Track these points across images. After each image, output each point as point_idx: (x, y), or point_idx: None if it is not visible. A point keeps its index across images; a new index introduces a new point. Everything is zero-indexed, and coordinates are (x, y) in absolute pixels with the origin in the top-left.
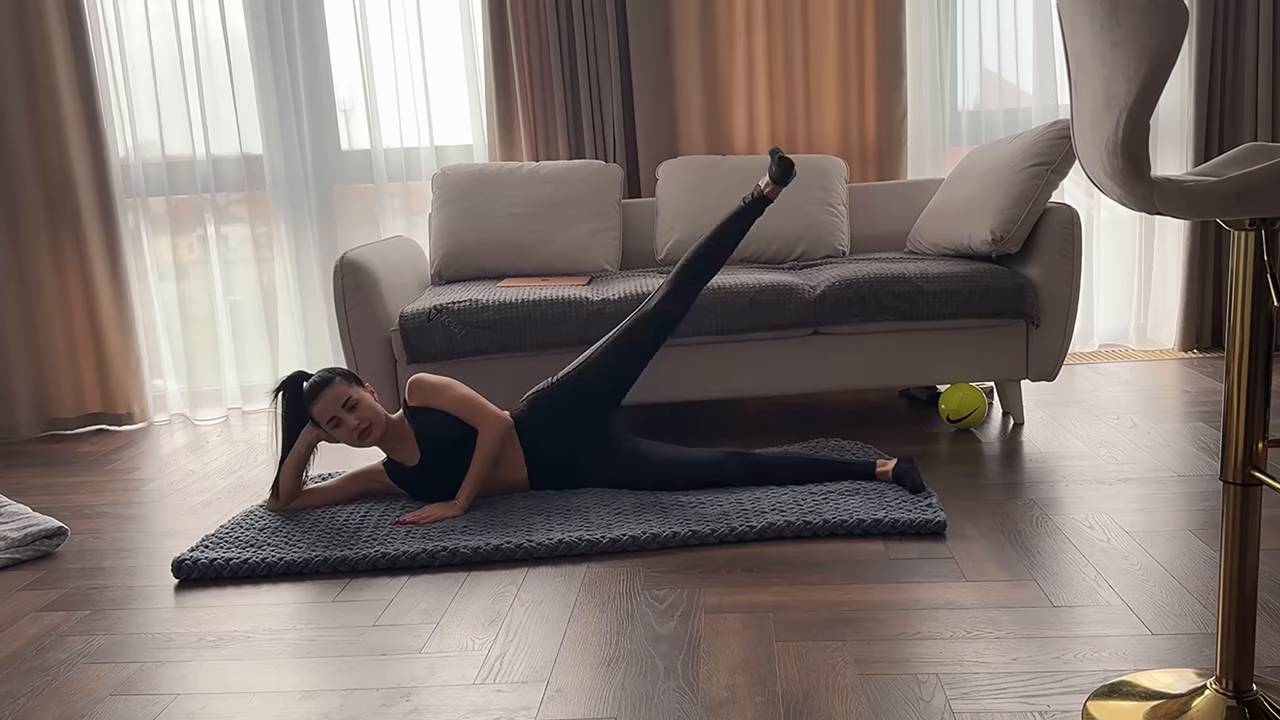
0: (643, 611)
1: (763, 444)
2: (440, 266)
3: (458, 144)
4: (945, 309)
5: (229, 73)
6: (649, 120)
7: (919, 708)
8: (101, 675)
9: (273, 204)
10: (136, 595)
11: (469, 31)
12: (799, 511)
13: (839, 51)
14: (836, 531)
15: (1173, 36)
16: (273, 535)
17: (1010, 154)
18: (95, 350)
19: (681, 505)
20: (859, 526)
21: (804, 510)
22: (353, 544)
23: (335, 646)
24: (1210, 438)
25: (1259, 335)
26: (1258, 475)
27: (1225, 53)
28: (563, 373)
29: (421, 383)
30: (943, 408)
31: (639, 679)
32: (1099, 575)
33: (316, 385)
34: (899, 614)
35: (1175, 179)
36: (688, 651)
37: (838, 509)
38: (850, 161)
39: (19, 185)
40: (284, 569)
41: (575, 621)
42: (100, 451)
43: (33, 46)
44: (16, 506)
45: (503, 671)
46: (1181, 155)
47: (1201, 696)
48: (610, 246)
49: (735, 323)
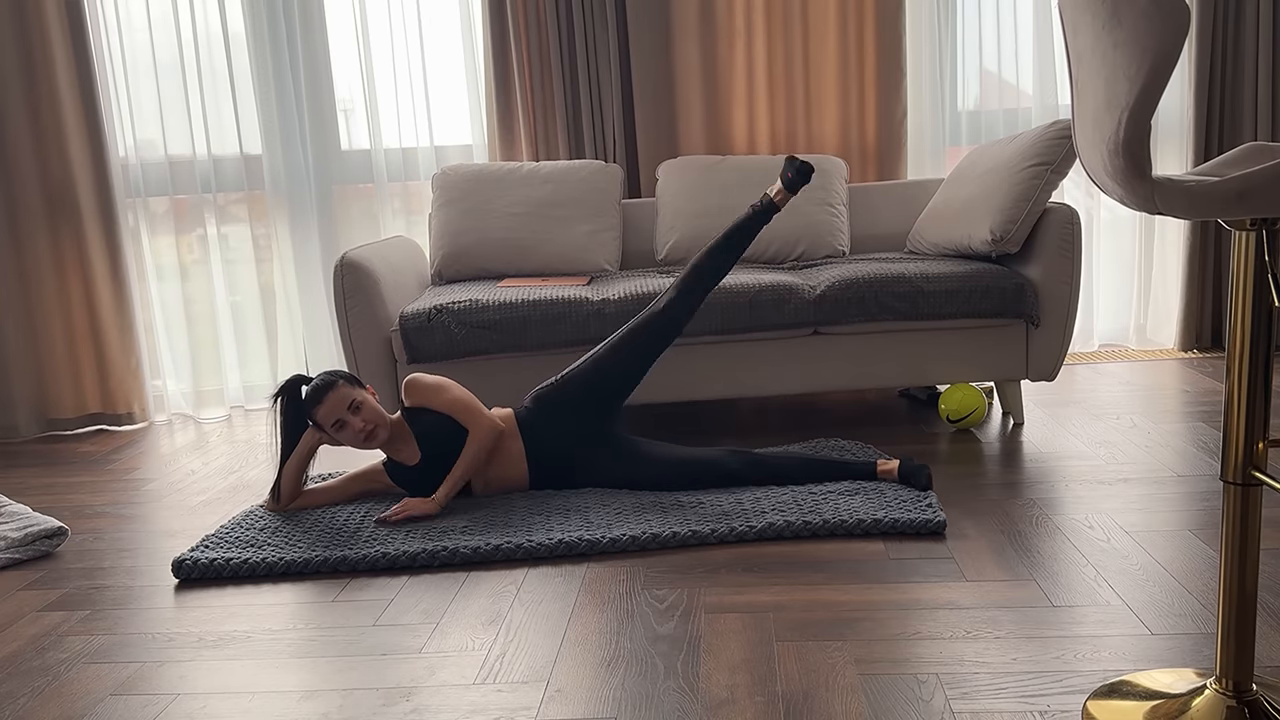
0: (643, 611)
1: (763, 444)
2: (440, 266)
3: (458, 144)
4: (945, 309)
5: (229, 72)
6: (649, 120)
7: (919, 708)
8: (101, 675)
9: (273, 204)
10: (136, 595)
11: (469, 31)
12: (799, 511)
13: (839, 52)
14: (836, 531)
15: (1174, 36)
16: (273, 535)
17: (1010, 154)
18: (95, 350)
19: (681, 505)
20: (859, 526)
21: (804, 510)
22: (353, 544)
23: (335, 646)
24: (1210, 438)
25: (1259, 335)
26: (1258, 475)
27: (1225, 53)
28: (567, 371)
29: (417, 383)
30: (943, 408)
31: (639, 679)
32: (1099, 575)
33: (319, 389)
34: (899, 614)
35: (1176, 179)
36: (688, 651)
37: (838, 509)
38: (850, 161)
39: (19, 185)
40: (284, 569)
41: (575, 621)
42: (100, 451)
43: (33, 46)
44: (16, 506)
45: (503, 671)
46: (1181, 155)
47: (1201, 696)
48: (610, 246)
49: (735, 323)
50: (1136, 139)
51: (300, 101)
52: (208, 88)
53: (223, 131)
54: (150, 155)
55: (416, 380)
